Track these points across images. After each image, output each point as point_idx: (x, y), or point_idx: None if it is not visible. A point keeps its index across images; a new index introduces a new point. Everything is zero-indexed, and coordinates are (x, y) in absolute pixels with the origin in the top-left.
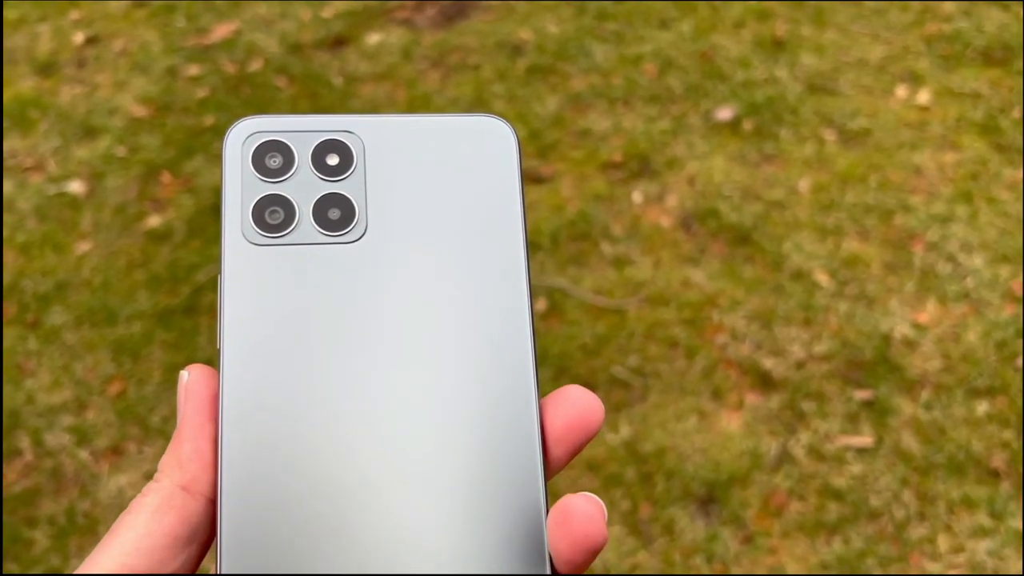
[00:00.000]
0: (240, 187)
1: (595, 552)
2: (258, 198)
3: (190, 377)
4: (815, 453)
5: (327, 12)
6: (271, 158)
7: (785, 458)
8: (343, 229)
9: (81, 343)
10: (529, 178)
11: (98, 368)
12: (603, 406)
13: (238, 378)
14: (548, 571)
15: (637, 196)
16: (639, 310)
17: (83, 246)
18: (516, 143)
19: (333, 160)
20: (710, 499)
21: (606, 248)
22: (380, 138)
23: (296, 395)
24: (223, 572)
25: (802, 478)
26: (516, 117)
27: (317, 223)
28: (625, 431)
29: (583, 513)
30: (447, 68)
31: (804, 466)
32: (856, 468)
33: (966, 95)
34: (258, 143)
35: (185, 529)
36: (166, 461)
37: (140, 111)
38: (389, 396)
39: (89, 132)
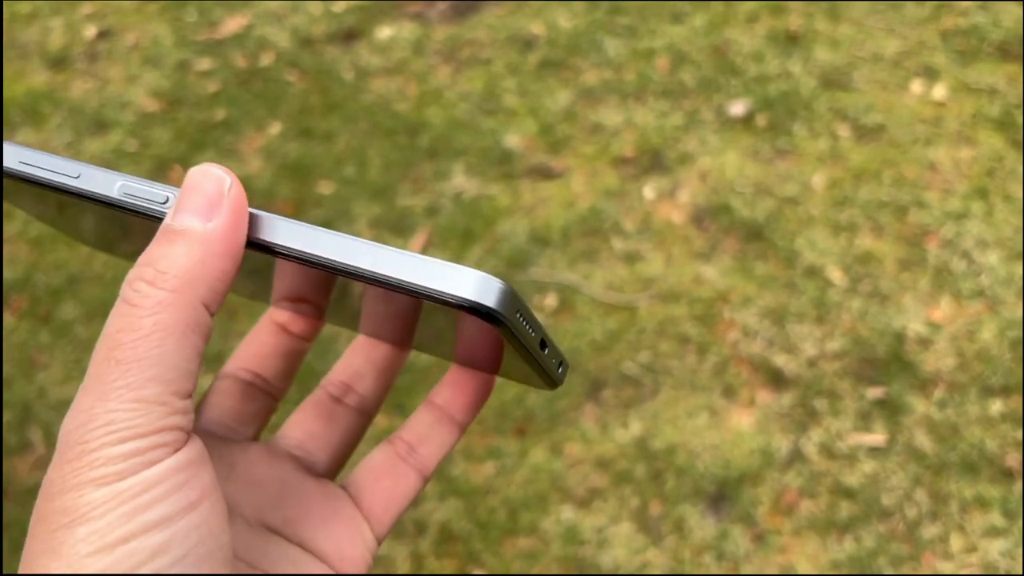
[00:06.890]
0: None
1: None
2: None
3: (234, 187)
4: (827, 451)
5: (338, 6)
6: None
7: (796, 456)
8: None
9: (93, 337)
10: (540, 173)
11: None
12: None
13: None
14: None
15: (649, 192)
16: (650, 306)
17: None
18: None
19: None
20: (721, 497)
21: (617, 244)
22: None
23: None
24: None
25: (814, 476)
26: (527, 111)
27: None
28: (635, 428)
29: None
30: (459, 62)
31: (816, 464)
32: (868, 467)
33: (982, 90)
34: None
35: (203, 346)
36: (184, 266)
37: (151, 105)
38: None
39: (101, 126)
